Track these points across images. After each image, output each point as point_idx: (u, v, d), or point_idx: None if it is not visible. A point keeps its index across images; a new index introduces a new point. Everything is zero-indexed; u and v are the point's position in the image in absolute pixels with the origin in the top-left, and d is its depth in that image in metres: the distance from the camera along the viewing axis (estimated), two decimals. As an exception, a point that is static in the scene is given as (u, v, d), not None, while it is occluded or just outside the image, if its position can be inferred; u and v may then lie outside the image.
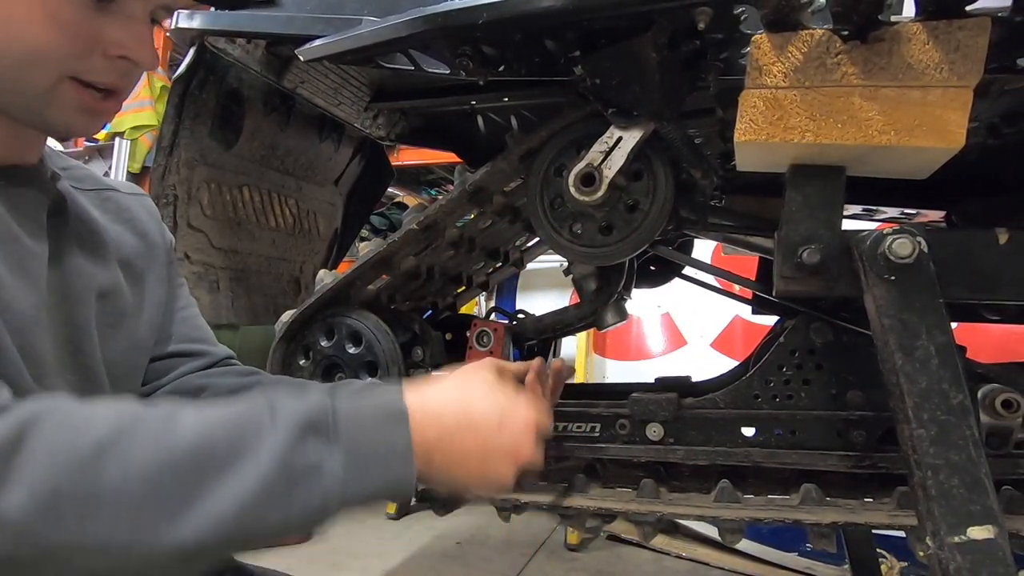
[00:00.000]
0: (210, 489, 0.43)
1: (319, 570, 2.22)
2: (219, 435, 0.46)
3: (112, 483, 0.41)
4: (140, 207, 0.82)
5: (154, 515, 0.42)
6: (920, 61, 0.61)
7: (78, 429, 0.43)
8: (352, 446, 0.48)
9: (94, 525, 0.41)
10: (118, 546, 0.41)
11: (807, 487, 0.88)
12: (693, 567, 2.27)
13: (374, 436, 0.50)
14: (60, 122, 0.62)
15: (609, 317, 1.09)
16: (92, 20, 0.59)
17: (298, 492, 0.46)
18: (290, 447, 0.46)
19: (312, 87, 1.19)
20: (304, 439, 0.47)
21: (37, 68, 0.58)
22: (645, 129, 0.79)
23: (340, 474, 0.47)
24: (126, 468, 0.42)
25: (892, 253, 0.63)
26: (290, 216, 1.39)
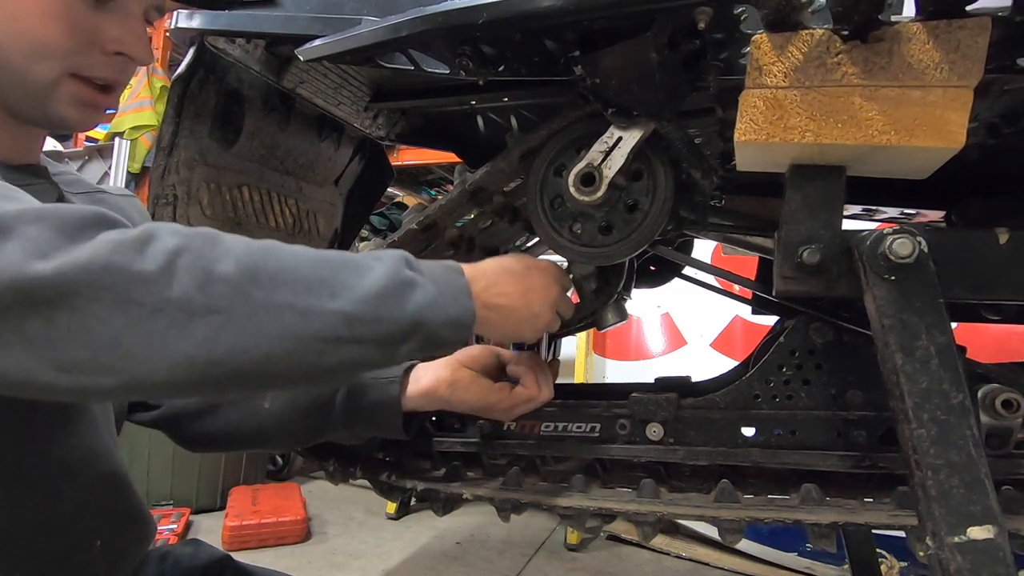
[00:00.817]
0: (349, 280, 0.54)
1: (319, 570, 2.22)
2: (345, 255, 0.57)
3: (286, 267, 0.52)
4: (130, 207, 0.85)
5: (317, 291, 0.52)
6: (920, 61, 0.61)
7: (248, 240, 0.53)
8: (434, 280, 0.59)
9: (279, 293, 0.50)
10: (296, 312, 0.50)
11: (807, 487, 0.88)
12: (693, 567, 2.27)
13: (444, 277, 0.61)
14: (60, 116, 0.64)
15: (609, 317, 1.09)
16: (91, 17, 0.62)
17: (406, 297, 0.56)
18: (397, 267, 0.57)
19: (312, 87, 1.19)
20: (405, 266, 0.58)
21: (41, 62, 0.61)
22: (645, 129, 0.79)
23: (431, 294, 0.58)
24: (291, 260, 0.52)
25: (892, 253, 0.63)
26: (290, 216, 1.39)
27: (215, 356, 0.47)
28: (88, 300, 0.44)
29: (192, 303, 0.46)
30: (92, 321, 0.44)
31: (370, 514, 2.75)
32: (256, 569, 0.95)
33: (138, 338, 0.45)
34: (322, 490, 3.00)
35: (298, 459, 3.28)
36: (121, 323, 0.45)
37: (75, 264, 0.44)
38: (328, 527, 2.60)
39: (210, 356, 0.47)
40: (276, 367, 0.50)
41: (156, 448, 2.59)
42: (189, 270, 0.47)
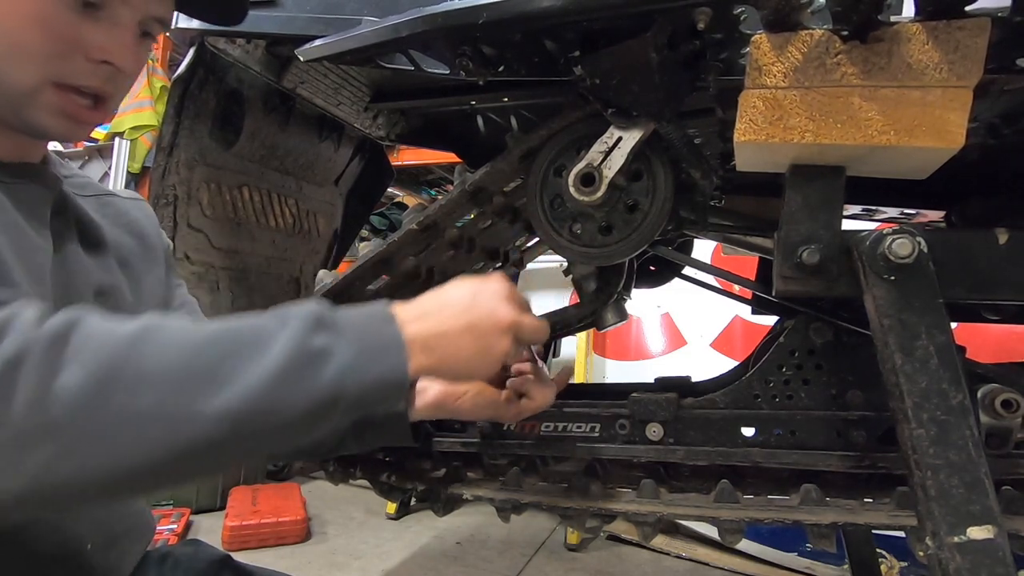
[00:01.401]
0: (239, 366, 0.47)
1: (319, 570, 2.22)
2: (240, 328, 0.50)
3: (154, 362, 0.45)
4: (139, 211, 0.84)
5: (192, 388, 0.46)
6: (920, 61, 0.61)
7: (114, 326, 0.47)
8: (354, 338, 0.52)
9: (141, 398, 0.44)
10: (164, 419, 0.44)
11: (807, 487, 0.88)
12: (693, 567, 2.27)
13: (368, 331, 0.54)
14: (40, 124, 0.62)
15: (609, 317, 1.09)
16: (76, 23, 0.59)
17: (315, 371, 0.49)
18: (304, 335, 0.50)
19: (312, 87, 1.19)
20: (314, 330, 0.51)
21: (19, 66, 0.58)
22: (645, 129, 0.79)
23: (348, 359, 0.51)
24: (164, 351, 0.46)
25: (892, 253, 0.63)
26: (290, 216, 1.39)
27: (59, 483, 0.42)
28: None
29: (32, 424, 0.41)
30: None
31: (370, 514, 2.75)
32: (256, 569, 0.95)
33: None
34: (322, 490, 3.00)
35: (298, 459, 3.28)
36: None
37: None
38: (328, 527, 2.60)
39: (54, 484, 0.42)
40: (146, 481, 0.45)
41: (156, 448, 2.59)
42: (28, 384, 0.42)
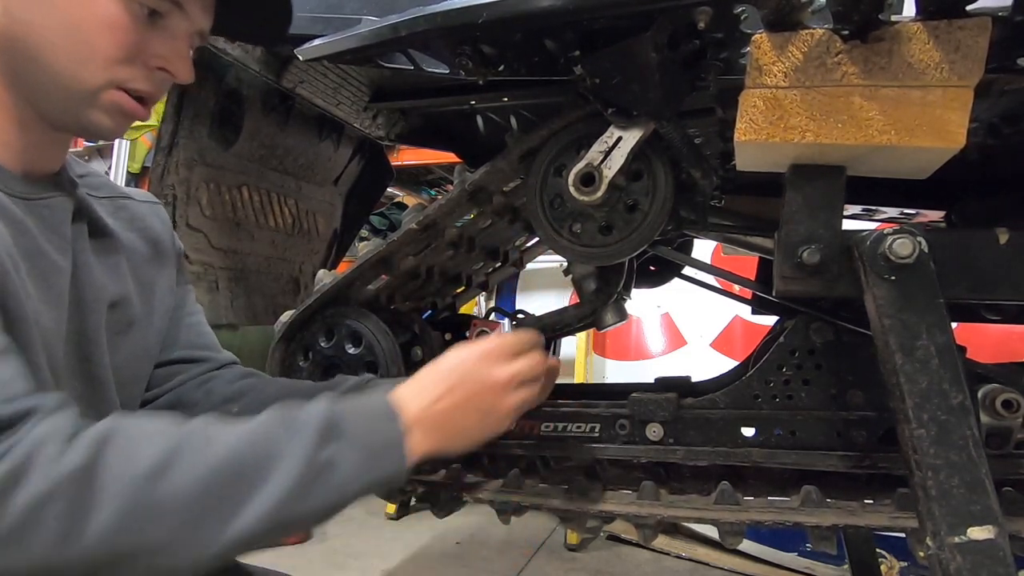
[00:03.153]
0: (251, 494, 0.51)
1: (319, 570, 2.22)
2: (250, 448, 0.54)
3: (173, 494, 0.49)
4: (153, 216, 0.84)
5: (207, 520, 0.50)
6: (920, 61, 0.61)
7: (137, 456, 0.50)
8: (358, 444, 0.57)
9: (158, 531, 0.48)
10: (179, 547, 0.49)
11: (807, 488, 0.88)
12: (693, 567, 2.27)
13: (374, 432, 0.59)
14: (95, 123, 0.65)
15: (609, 317, 1.09)
16: (142, 32, 0.63)
17: (321, 486, 0.54)
18: (311, 451, 0.55)
19: (311, 87, 1.19)
20: (321, 443, 0.55)
21: (89, 68, 0.62)
22: (645, 129, 0.79)
23: (352, 468, 0.56)
24: (179, 484, 0.49)
25: (892, 253, 0.63)
26: (289, 216, 1.39)
27: None
28: None
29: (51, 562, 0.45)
30: None
31: (370, 514, 2.74)
32: (256, 569, 0.94)
33: None
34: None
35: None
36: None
37: None
38: (328, 527, 2.59)
39: None
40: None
41: (156, 448, 2.59)
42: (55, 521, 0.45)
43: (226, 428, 0.55)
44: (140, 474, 0.48)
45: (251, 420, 0.56)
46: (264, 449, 0.53)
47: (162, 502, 0.48)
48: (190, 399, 0.84)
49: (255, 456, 0.53)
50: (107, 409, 0.73)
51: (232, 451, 0.52)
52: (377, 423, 0.60)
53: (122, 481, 0.48)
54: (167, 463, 0.49)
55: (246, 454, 0.53)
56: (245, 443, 0.53)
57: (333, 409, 0.58)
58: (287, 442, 0.54)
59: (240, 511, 0.50)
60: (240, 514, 0.50)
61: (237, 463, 0.52)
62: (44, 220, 0.64)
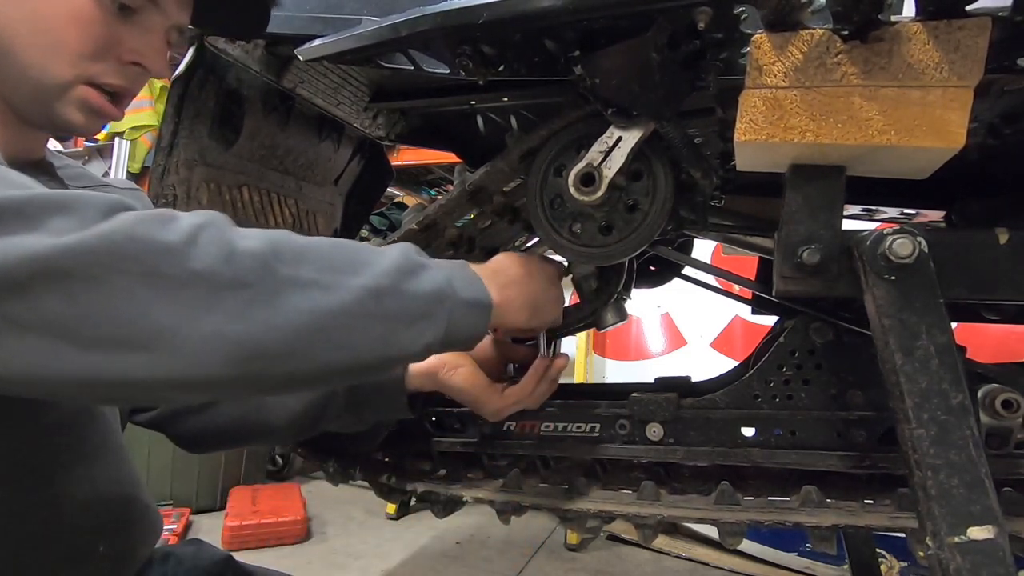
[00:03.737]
0: (367, 260, 0.55)
1: (319, 570, 2.22)
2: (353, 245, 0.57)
3: (306, 248, 0.52)
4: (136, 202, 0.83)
5: (338, 268, 0.52)
6: (920, 61, 0.61)
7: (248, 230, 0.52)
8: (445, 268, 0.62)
9: (301, 270, 0.50)
10: (319, 288, 0.50)
11: (807, 489, 0.88)
12: (693, 567, 2.28)
13: (453, 266, 0.64)
14: (65, 119, 0.64)
15: (609, 317, 1.09)
16: (113, 26, 0.63)
17: (422, 273, 0.58)
18: (407, 250, 0.60)
19: (312, 87, 1.19)
20: (413, 251, 0.61)
21: (57, 62, 0.61)
22: (645, 129, 0.79)
23: (444, 274, 0.60)
24: (309, 243, 0.53)
25: (892, 253, 0.63)
26: (289, 216, 1.39)
27: (245, 332, 0.45)
28: (110, 271, 0.42)
29: (219, 276, 0.45)
30: (116, 295, 0.42)
31: (370, 514, 2.75)
32: (256, 569, 0.95)
33: (166, 310, 0.43)
34: (322, 490, 3.00)
35: (298, 459, 3.28)
36: (147, 295, 0.43)
37: (95, 234, 0.42)
38: (328, 527, 2.60)
39: (240, 332, 0.45)
40: (306, 345, 0.49)
41: (156, 448, 2.59)
42: (214, 243, 0.46)
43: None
44: (273, 231, 0.52)
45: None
46: (365, 245, 0.58)
47: (298, 250, 0.51)
48: None
49: (360, 245, 0.58)
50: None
51: (338, 240, 0.56)
52: (455, 264, 0.64)
53: (258, 230, 0.52)
54: (288, 232, 0.53)
55: (351, 243, 0.57)
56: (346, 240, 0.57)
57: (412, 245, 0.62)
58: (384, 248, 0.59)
59: (363, 268, 0.53)
60: (363, 270, 0.53)
61: (350, 245, 0.56)
62: None
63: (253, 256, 0.48)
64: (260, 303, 0.46)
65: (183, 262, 0.44)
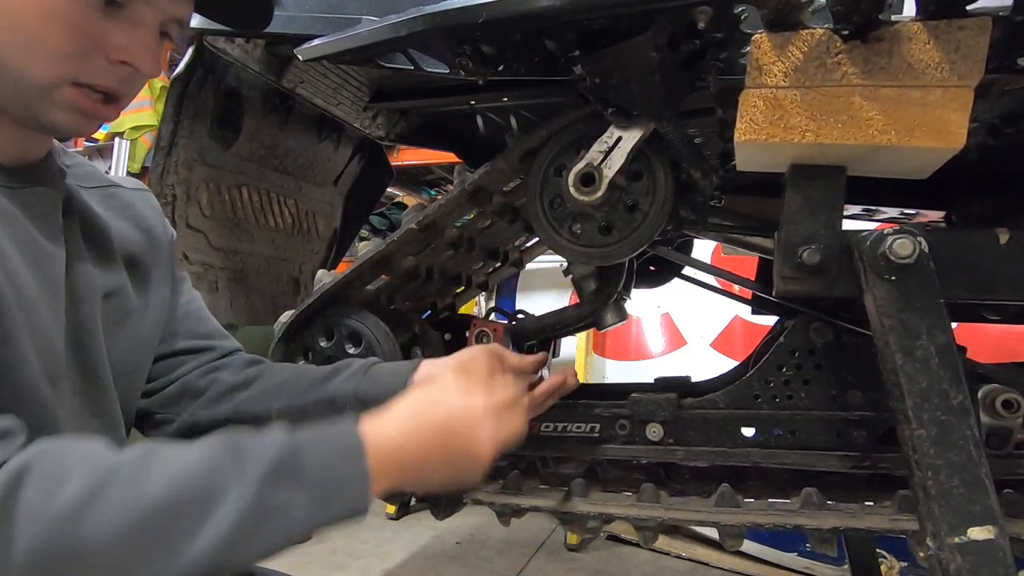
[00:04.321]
0: (185, 538, 0.47)
1: (319, 570, 2.22)
2: (190, 485, 0.48)
3: (92, 540, 0.45)
4: (143, 203, 0.82)
5: (133, 567, 0.46)
6: (920, 61, 0.61)
7: (57, 493, 0.45)
8: (316, 486, 0.52)
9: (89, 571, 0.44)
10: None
11: (808, 491, 0.88)
12: (693, 567, 2.27)
13: (335, 472, 0.53)
14: (51, 120, 0.61)
15: (609, 317, 1.09)
16: (97, 22, 0.58)
17: (267, 530, 0.49)
18: (258, 493, 0.49)
19: (311, 87, 1.19)
20: (273, 483, 0.50)
21: (38, 62, 0.57)
22: (645, 129, 0.79)
23: (304, 511, 0.51)
24: (103, 526, 0.45)
25: (892, 253, 0.63)
26: (289, 216, 1.39)
27: None
28: None
29: None
30: None
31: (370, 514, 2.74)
32: (256, 569, 0.94)
33: None
34: (322, 490, 3.00)
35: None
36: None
37: None
38: (328, 527, 2.59)
39: None
40: None
41: (156, 448, 2.59)
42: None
43: (166, 460, 0.50)
44: (59, 514, 0.44)
45: (197, 449, 0.52)
46: (206, 487, 0.48)
47: (83, 545, 0.44)
48: (195, 388, 0.82)
49: (195, 495, 0.48)
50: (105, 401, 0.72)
51: (168, 489, 0.48)
52: (340, 463, 0.54)
53: (38, 522, 0.44)
54: (90, 502, 0.45)
55: (184, 492, 0.48)
56: (184, 480, 0.48)
57: (290, 443, 0.53)
58: (234, 480, 0.49)
59: (173, 556, 0.46)
60: (173, 559, 0.46)
61: (172, 503, 0.47)
62: (32, 209, 0.61)
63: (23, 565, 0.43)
64: None
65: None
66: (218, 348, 0.86)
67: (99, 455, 0.49)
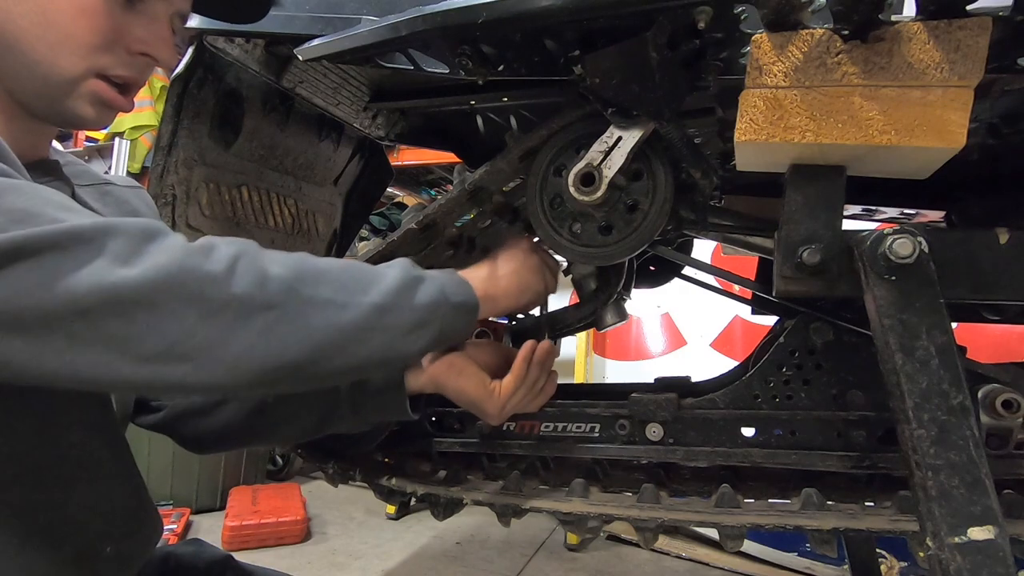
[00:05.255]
0: (373, 279, 0.62)
1: (319, 570, 2.22)
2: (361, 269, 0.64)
3: (322, 271, 0.59)
4: (138, 199, 0.84)
5: (351, 288, 0.60)
6: (921, 61, 0.61)
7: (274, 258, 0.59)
8: (439, 279, 0.69)
9: (320, 290, 0.58)
10: (336, 306, 0.58)
11: (808, 492, 0.88)
12: (693, 567, 2.28)
13: (444, 275, 0.71)
14: (76, 112, 0.64)
15: (609, 317, 1.09)
16: (119, 16, 0.63)
17: (419, 288, 0.65)
18: (407, 268, 0.67)
19: (311, 87, 1.19)
20: (411, 267, 0.67)
21: (67, 56, 0.61)
22: (645, 129, 0.79)
23: (438, 284, 0.68)
24: (324, 265, 0.60)
25: (892, 253, 0.63)
26: (289, 216, 1.39)
27: (272, 349, 0.54)
28: (167, 298, 0.50)
29: (253, 299, 0.53)
30: (168, 317, 0.50)
31: (370, 514, 2.75)
32: (257, 569, 0.94)
33: (208, 329, 0.51)
34: (322, 490, 3.00)
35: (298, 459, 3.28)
36: (194, 317, 0.50)
37: (156, 268, 0.50)
38: (328, 527, 2.60)
39: (267, 349, 0.53)
40: (322, 355, 0.57)
41: (156, 448, 2.59)
42: (248, 271, 0.54)
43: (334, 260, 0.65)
44: (294, 255, 0.59)
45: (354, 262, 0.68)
46: (370, 266, 0.65)
47: (315, 273, 0.58)
48: None
49: (367, 266, 0.64)
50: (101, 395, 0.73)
51: (348, 261, 0.63)
52: (447, 273, 0.72)
53: (283, 255, 0.58)
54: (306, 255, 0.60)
55: (360, 264, 0.64)
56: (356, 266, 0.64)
57: (410, 260, 0.69)
58: (387, 266, 0.66)
59: (371, 287, 0.61)
60: (371, 289, 0.61)
61: (357, 266, 0.63)
62: None
63: (280, 281, 0.55)
64: (286, 322, 0.55)
65: (224, 288, 0.52)
66: None
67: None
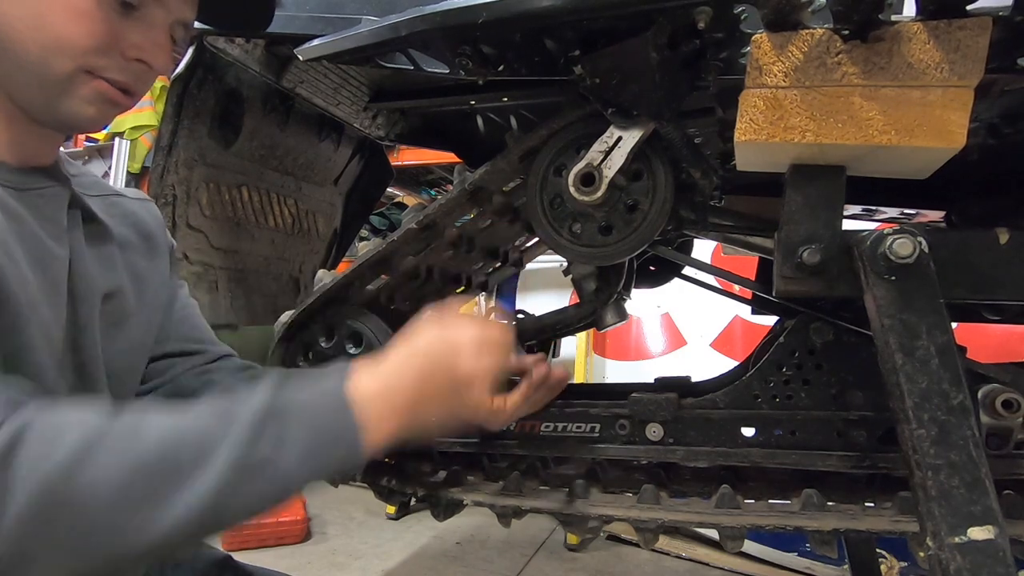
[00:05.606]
0: (176, 490, 0.49)
1: (319, 570, 2.22)
2: (182, 441, 0.51)
3: (88, 490, 0.47)
4: (145, 212, 0.84)
5: (127, 517, 0.48)
6: (921, 61, 0.61)
7: (54, 446, 0.47)
8: (304, 435, 0.54)
9: (77, 524, 0.47)
10: (97, 546, 0.47)
11: (808, 492, 0.88)
12: (693, 567, 2.27)
13: (323, 420, 0.55)
14: (74, 112, 0.64)
15: (609, 317, 1.09)
16: (115, 21, 0.62)
17: (257, 483, 0.51)
18: (247, 444, 0.51)
19: (311, 87, 1.19)
20: (259, 437, 0.52)
21: (58, 57, 0.61)
22: (645, 129, 0.79)
23: (295, 463, 0.53)
24: (99, 477, 0.47)
25: (892, 253, 0.63)
26: (289, 216, 1.39)
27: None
28: None
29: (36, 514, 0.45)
30: None
31: (370, 514, 2.74)
32: (256, 569, 0.94)
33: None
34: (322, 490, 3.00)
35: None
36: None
37: None
38: (328, 527, 2.59)
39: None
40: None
41: (156, 448, 2.59)
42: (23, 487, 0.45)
43: (157, 419, 0.52)
44: (58, 463, 0.46)
45: (188, 410, 0.53)
46: (197, 441, 0.51)
47: (79, 495, 0.47)
48: (188, 388, 0.84)
49: (185, 449, 0.50)
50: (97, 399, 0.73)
51: (160, 443, 0.50)
52: (328, 412, 0.56)
53: (37, 472, 0.46)
54: (86, 455, 0.47)
55: (176, 447, 0.50)
56: (175, 435, 0.51)
57: (277, 397, 0.54)
58: (222, 435, 0.51)
59: (165, 506, 0.48)
60: (165, 509, 0.48)
61: (164, 457, 0.49)
62: (38, 209, 0.64)
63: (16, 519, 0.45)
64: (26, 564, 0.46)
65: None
66: (209, 352, 0.88)
67: (95, 414, 0.51)
